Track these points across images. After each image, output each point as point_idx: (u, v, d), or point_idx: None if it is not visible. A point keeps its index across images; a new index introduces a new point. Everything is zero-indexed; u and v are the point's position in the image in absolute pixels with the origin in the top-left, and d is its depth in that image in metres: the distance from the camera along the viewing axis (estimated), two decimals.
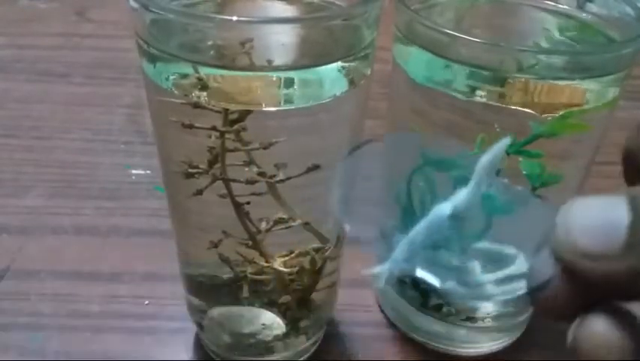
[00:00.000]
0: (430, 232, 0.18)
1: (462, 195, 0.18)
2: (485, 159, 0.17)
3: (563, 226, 0.16)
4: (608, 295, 0.16)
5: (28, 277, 0.36)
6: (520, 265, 0.18)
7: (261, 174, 0.24)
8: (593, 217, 0.16)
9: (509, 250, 0.19)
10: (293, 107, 0.23)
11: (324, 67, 0.23)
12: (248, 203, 0.25)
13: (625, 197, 0.15)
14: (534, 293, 0.17)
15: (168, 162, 0.26)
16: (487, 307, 0.32)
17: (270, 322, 0.29)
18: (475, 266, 0.19)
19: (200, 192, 0.24)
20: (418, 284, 0.32)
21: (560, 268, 0.16)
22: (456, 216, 0.18)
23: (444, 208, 0.18)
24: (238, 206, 0.25)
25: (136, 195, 0.43)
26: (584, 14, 0.28)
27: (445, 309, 0.32)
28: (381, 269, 0.18)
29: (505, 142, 0.17)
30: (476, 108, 0.26)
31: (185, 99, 0.22)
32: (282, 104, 0.23)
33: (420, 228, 0.18)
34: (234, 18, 0.21)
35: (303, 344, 0.31)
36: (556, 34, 0.29)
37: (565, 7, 0.29)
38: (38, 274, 0.36)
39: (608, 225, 0.15)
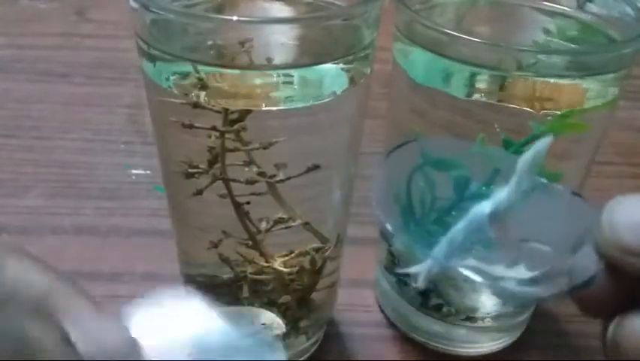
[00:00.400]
0: (469, 231, 0.17)
1: (502, 195, 0.17)
2: (526, 157, 0.17)
3: (607, 223, 0.16)
4: None
5: None
6: (558, 263, 0.18)
7: (261, 174, 0.24)
8: (638, 215, 0.16)
9: (546, 248, 0.19)
10: (293, 107, 0.23)
11: (323, 66, 0.23)
12: (248, 203, 0.25)
13: None
14: (576, 290, 0.17)
15: (168, 162, 0.26)
16: (487, 307, 0.32)
17: (270, 322, 0.29)
18: (520, 265, 0.19)
19: (200, 192, 0.24)
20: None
21: (603, 265, 0.16)
22: (496, 215, 0.17)
23: (484, 207, 0.17)
24: (238, 206, 0.25)
25: (136, 195, 0.43)
26: (584, 14, 0.28)
27: (445, 309, 0.32)
28: (421, 268, 0.18)
29: (546, 141, 0.17)
30: (476, 108, 0.26)
31: (185, 99, 0.22)
32: (281, 103, 0.23)
33: (459, 227, 0.17)
34: (234, 18, 0.21)
35: (303, 344, 0.31)
36: (556, 34, 0.29)
37: (565, 7, 0.29)
38: None
39: None
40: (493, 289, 0.25)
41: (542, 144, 0.17)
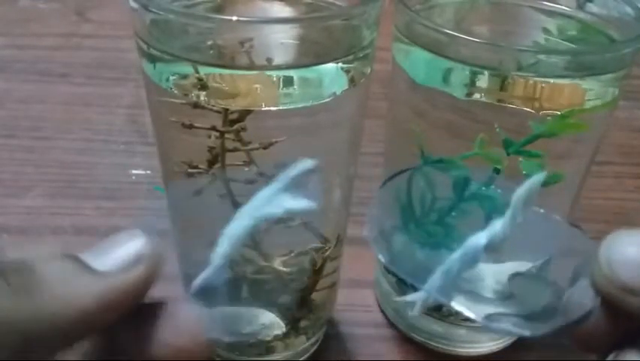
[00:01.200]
0: (464, 263, 0.17)
1: (498, 227, 0.17)
2: (522, 190, 0.17)
3: (605, 260, 0.16)
4: None
5: None
6: (553, 298, 0.18)
7: (261, 174, 0.24)
8: (637, 253, 0.15)
9: (541, 281, 0.19)
10: (293, 107, 0.23)
11: (323, 66, 0.23)
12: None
13: None
14: (572, 326, 0.17)
15: (168, 162, 0.26)
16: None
17: (270, 322, 0.29)
18: (513, 300, 0.19)
19: (200, 192, 0.24)
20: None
21: (599, 300, 0.16)
22: (491, 247, 0.17)
23: (479, 239, 0.17)
24: (238, 206, 0.25)
25: (136, 195, 0.43)
26: (584, 14, 0.28)
27: (445, 309, 0.32)
28: (415, 297, 0.18)
29: (541, 176, 0.17)
30: (476, 108, 0.26)
31: (185, 99, 0.22)
32: (281, 103, 0.23)
33: (455, 258, 0.17)
34: (234, 18, 0.21)
35: (303, 344, 0.31)
36: (556, 35, 0.29)
37: (565, 7, 0.29)
38: None
39: None
40: (486, 327, 0.24)
41: (537, 178, 0.17)
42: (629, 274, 0.15)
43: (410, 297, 0.18)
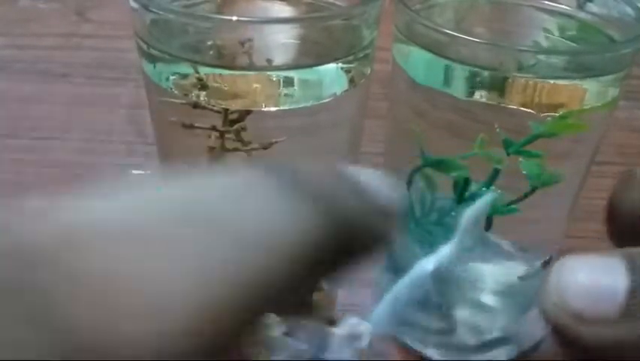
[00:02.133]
0: (412, 290, 0.17)
1: (445, 251, 0.17)
2: (469, 213, 0.16)
3: (555, 287, 0.14)
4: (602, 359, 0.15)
5: None
6: (506, 327, 0.17)
7: None
8: (588, 279, 0.14)
9: (494, 311, 0.19)
10: (293, 108, 0.23)
11: (323, 66, 0.23)
12: None
13: (622, 258, 0.14)
14: (523, 356, 0.16)
15: (168, 162, 0.26)
16: None
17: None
18: (460, 331, 0.18)
19: None
20: None
21: (550, 330, 0.15)
22: (439, 273, 0.17)
23: (427, 264, 0.17)
24: None
25: None
26: (584, 14, 0.28)
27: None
28: (362, 330, 0.18)
29: (489, 197, 0.16)
30: (476, 108, 0.26)
31: (185, 99, 0.22)
32: (281, 104, 0.23)
33: (402, 285, 0.17)
34: (234, 18, 0.21)
35: None
36: (556, 34, 0.29)
37: (565, 7, 0.29)
38: None
39: (605, 287, 0.14)
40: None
41: (485, 200, 0.16)
42: (579, 301, 0.14)
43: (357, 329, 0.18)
